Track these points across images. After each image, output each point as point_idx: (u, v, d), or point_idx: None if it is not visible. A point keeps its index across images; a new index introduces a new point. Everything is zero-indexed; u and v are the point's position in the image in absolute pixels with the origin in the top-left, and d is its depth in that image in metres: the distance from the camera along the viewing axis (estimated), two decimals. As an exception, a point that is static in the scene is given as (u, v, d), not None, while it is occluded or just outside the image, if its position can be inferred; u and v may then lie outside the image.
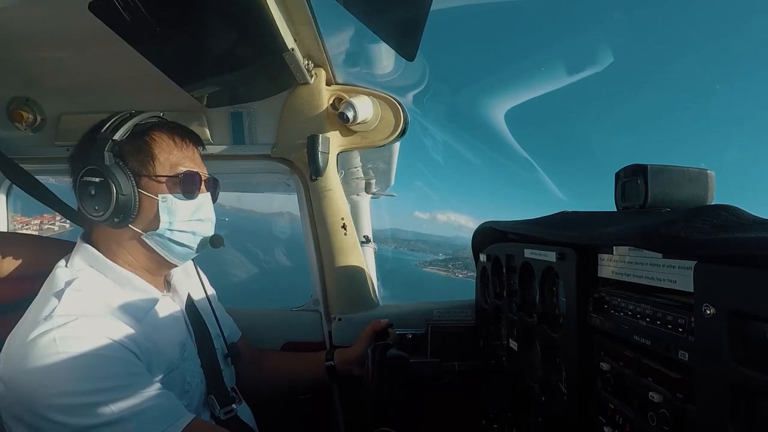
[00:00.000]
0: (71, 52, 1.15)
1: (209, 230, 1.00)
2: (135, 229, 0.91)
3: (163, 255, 0.95)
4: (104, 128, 0.90)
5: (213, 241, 1.01)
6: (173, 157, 0.94)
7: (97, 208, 0.87)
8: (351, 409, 1.44)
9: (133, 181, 0.89)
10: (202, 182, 0.98)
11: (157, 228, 0.91)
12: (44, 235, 1.13)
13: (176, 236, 0.94)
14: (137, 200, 0.89)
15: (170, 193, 0.92)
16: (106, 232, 0.93)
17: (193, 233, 0.96)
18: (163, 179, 0.92)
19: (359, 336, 1.27)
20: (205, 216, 0.98)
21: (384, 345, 1.11)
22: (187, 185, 0.93)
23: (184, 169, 0.94)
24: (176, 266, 1.02)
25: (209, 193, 1.01)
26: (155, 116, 0.98)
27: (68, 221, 1.30)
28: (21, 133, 1.40)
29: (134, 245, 0.93)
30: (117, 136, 0.89)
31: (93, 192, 0.87)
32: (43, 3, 0.94)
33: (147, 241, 0.92)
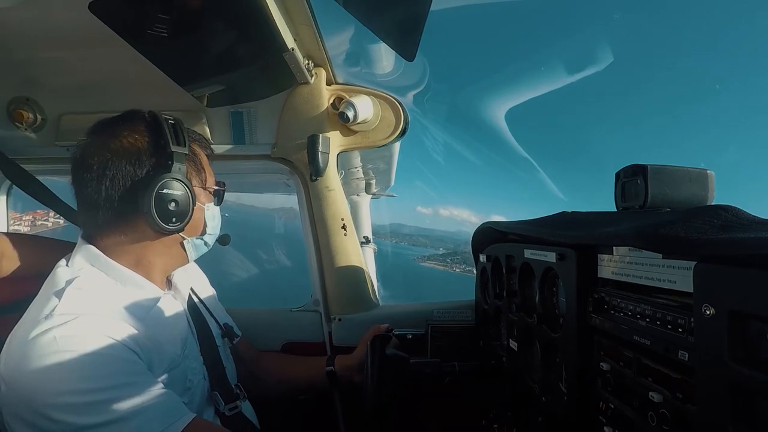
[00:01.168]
0: (71, 52, 1.15)
1: (219, 231, 1.07)
2: (183, 235, 0.95)
3: (189, 256, 0.99)
4: (169, 138, 0.89)
5: (222, 240, 1.08)
6: (209, 168, 1.02)
7: (174, 219, 0.89)
8: (352, 409, 1.44)
9: (192, 191, 0.92)
10: None
11: (204, 234, 0.99)
12: (44, 235, 1.13)
13: (209, 239, 1.02)
14: (193, 209, 0.93)
15: (211, 202, 1.01)
16: (133, 235, 0.91)
17: (215, 235, 1.04)
18: (210, 190, 1.00)
19: (360, 341, 1.27)
20: (220, 219, 1.06)
21: (383, 337, 1.11)
22: (221, 194, 1.03)
23: (217, 180, 1.03)
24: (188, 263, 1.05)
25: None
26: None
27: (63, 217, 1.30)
28: (21, 133, 1.40)
29: (171, 249, 0.96)
30: (186, 150, 0.91)
31: (174, 204, 0.88)
32: (43, 3, 0.94)
33: (186, 245, 0.97)
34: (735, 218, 0.53)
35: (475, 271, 1.40)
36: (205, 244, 1.01)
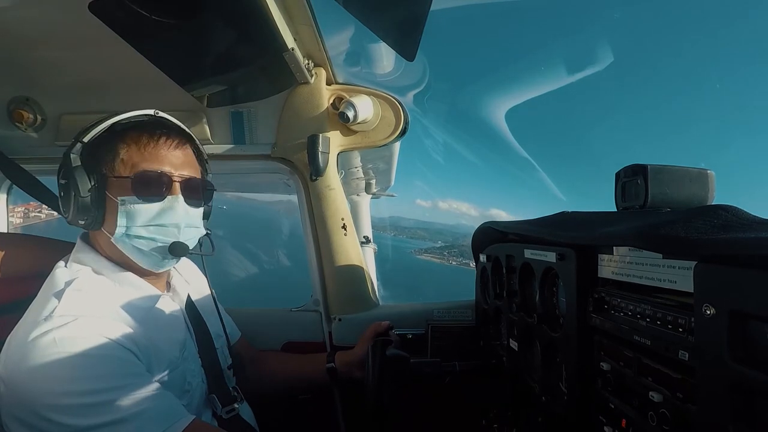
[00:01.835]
0: (71, 52, 1.15)
1: (173, 237, 0.91)
2: (104, 231, 0.89)
3: (134, 260, 0.90)
4: (82, 130, 0.90)
5: (171, 249, 0.91)
6: (136, 156, 0.88)
7: (64, 209, 0.88)
8: (351, 409, 1.44)
9: (97, 183, 0.87)
10: (173, 184, 0.90)
11: (115, 232, 0.88)
12: (38, 228, 1.13)
13: (135, 242, 0.89)
14: (100, 202, 0.87)
15: (132, 195, 0.87)
16: (96, 232, 0.92)
17: (153, 239, 0.89)
18: (124, 180, 0.87)
19: (360, 338, 1.27)
20: (169, 221, 0.90)
21: (384, 340, 1.11)
22: (140, 187, 0.87)
23: (151, 168, 0.88)
24: (159, 272, 0.96)
25: (181, 196, 0.91)
26: (147, 115, 0.94)
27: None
28: (21, 133, 1.40)
29: (109, 247, 0.91)
30: (87, 138, 0.88)
31: (62, 193, 0.88)
32: (43, 3, 0.94)
33: (116, 244, 0.89)
34: (735, 218, 0.53)
35: (471, 264, 1.41)
36: (134, 247, 0.88)
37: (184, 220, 0.92)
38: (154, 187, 0.88)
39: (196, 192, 0.95)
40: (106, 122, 0.91)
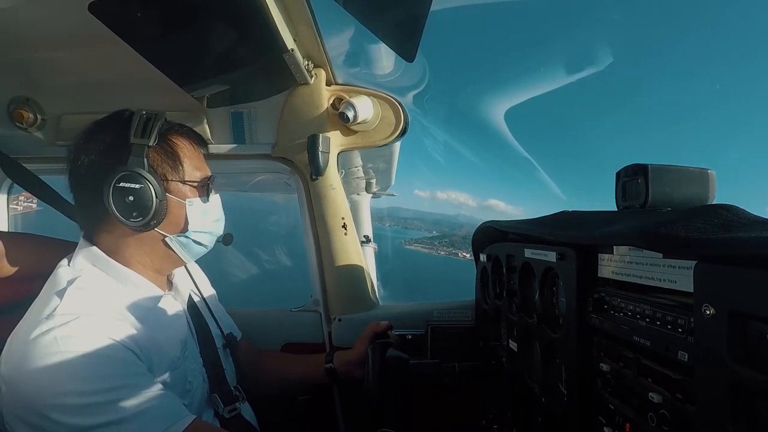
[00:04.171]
0: (71, 52, 1.15)
1: (222, 229, 1.04)
2: (161, 231, 0.92)
3: (180, 255, 0.97)
4: (132, 131, 0.88)
5: (225, 240, 1.05)
6: (195, 162, 0.97)
7: (135, 214, 0.87)
8: (351, 409, 1.44)
9: (163, 186, 0.90)
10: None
11: (186, 230, 0.94)
12: (44, 236, 1.13)
13: (199, 237, 0.97)
14: (165, 204, 0.90)
15: (195, 197, 0.96)
16: (117, 233, 0.91)
17: (211, 233, 1.00)
18: (193, 184, 0.95)
19: (359, 338, 1.27)
20: (220, 216, 1.02)
21: (384, 343, 1.11)
22: (208, 189, 0.98)
23: (205, 174, 0.98)
24: (186, 264, 1.04)
25: (217, 193, 1.03)
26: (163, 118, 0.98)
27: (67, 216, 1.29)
28: (22, 133, 1.40)
29: (153, 246, 0.94)
30: (151, 142, 0.88)
31: (132, 198, 0.86)
32: (43, 3, 0.94)
33: (170, 242, 0.94)
34: (736, 218, 0.52)
35: (460, 254, 1.41)
36: (196, 242, 0.97)
37: (223, 215, 1.04)
38: (209, 188, 0.98)
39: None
40: (158, 124, 0.90)
